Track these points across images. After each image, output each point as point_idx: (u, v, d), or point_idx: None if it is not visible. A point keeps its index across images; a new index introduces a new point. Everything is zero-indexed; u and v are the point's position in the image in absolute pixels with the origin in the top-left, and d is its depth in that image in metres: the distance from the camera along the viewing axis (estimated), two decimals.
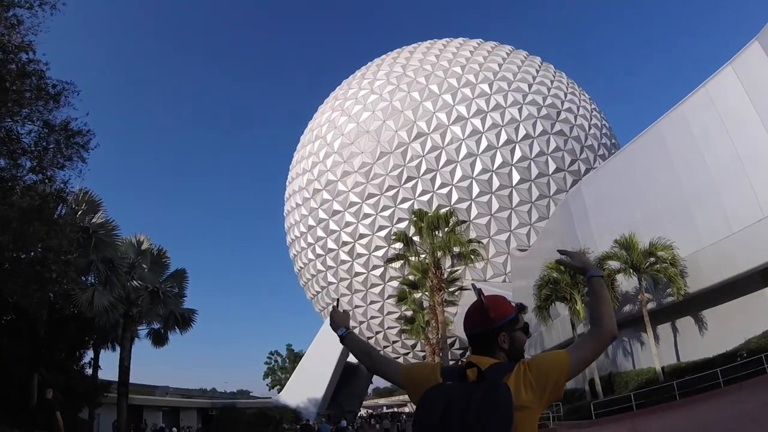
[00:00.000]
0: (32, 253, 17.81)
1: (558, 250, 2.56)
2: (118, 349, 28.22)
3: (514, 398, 1.89)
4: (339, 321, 2.75)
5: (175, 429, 33.55)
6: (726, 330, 21.87)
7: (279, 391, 69.85)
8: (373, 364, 2.55)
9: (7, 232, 15.31)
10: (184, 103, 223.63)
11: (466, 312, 2.36)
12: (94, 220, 25.89)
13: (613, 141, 60.34)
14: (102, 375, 29.74)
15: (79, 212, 24.34)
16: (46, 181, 17.07)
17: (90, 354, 29.58)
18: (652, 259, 23.74)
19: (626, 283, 25.35)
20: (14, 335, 22.46)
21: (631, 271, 24.28)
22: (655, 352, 23.14)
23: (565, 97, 55.90)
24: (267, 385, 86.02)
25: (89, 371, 29.06)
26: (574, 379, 19.75)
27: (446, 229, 31.46)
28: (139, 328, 29.90)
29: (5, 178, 15.83)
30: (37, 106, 16.28)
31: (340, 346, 57.24)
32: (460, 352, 53.68)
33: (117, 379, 27.68)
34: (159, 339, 31.21)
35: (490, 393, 1.89)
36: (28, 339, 22.36)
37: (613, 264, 25.30)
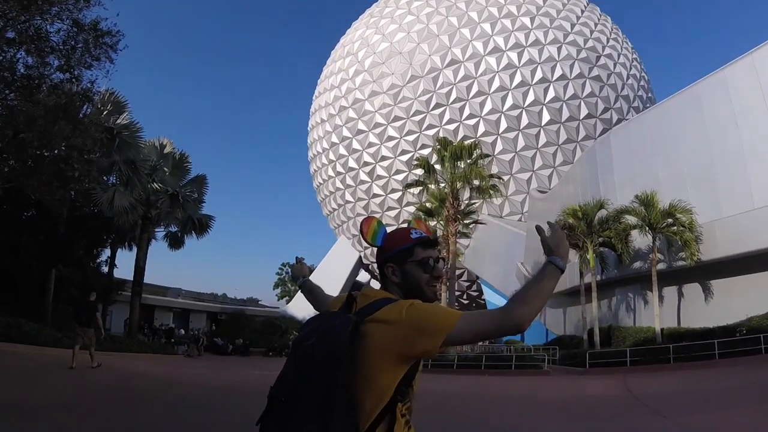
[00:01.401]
0: (56, 151, 18.07)
1: (548, 222, 2.15)
2: (134, 249, 29.07)
3: (369, 335, 1.74)
4: (298, 273, 2.99)
5: (182, 330, 35.00)
6: (730, 304, 21.94)
7: (287, 302, 71.63)
8: (315, 302, 2.67)
9: (33, 129, 15.50)
10: (216, 11, 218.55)
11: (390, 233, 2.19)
12: (118, 121, 26.10)
13: (650, 95, 58.49)
14: (117, 274, 30.83)
15: (104, 112, 24.48)
16: (73, 80, 17.12)
17: (107, 252, 30.53)
18: (670, 220, 23.57)
19: (640, 239, 25.28)
20: (34, 231, 23.12)
21: (647, 228, 24.14)
22: (657, 313, 23.33)
23: (607, 42, 53.87)
24: (276, 295, 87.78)
25: (105, 269, 30.04)
26: (573, 326, 20.04)
27: (469, 161, 31.34)
28: (156, 230, 30.66)
29: (32, 76, 15.88)
30: (67, 5, 16.12)
31: (352, 263, 59.39)
32: (467, 284, 54.54)
33: (132, 279, 28.63)
34: (176, 242, 32.02)
35: (332, 323, 1.76)
36: (47, 235, 23.02)
37: (631, 219, 25.20)
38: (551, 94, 48.64)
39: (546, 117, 48.56)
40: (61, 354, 16.86)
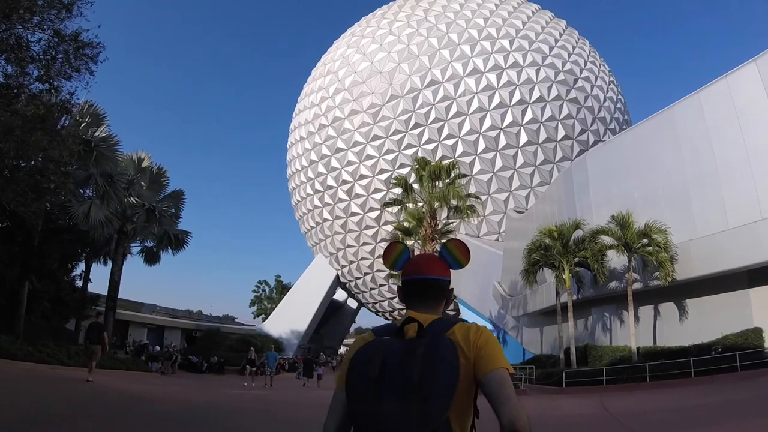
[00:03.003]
0: (32, 162, 17.87)
1: None
2: (109, 263, 28.63)
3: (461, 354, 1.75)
4: None
5: (158, 347, 34.44)
6: (705, 322, 22.22)
7: (264, 320, 71.01)
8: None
9: (9, 139, 15.29)
10: (198, 25, 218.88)
11: (412, 258, 2.13)
12: (96, 134, 25.81)
13: (626, 117, 59.64)
14: (91, 288, 30.40)
15: (83, 125, 24.26)
16: (52, 90, 17.00)
17: (81, 266, 30.09)
18: (645, 240, 23.85)
19: (616, 259, 25.55)
20: (8, 242, 22.72)
21: (623, 248, 24.41)
22: (633, 332, 23.53)
23: (585, 65, 54.96)
24: (252, 313, 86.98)
25: (79, 283, 29.55)
26: (550, 345, 20.13)
27: (447, 181, 31.43)
28: (132, 244, 30.24)
29: (11, 85, 15.73)
30: (49, 15, 16.06)
31: (329, 281, 59.10)
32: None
33: (106, 294, 28.18)
34: (152, 257, 31.61)
35: (434, 346, 1.72)
36: (21, 246, 22.64)
37: (607, 239, 25.47)
38: (529, 115, 49.29)
39: (524, 138, 49.14)
40: (33, 368, 16.52)
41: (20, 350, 18.16)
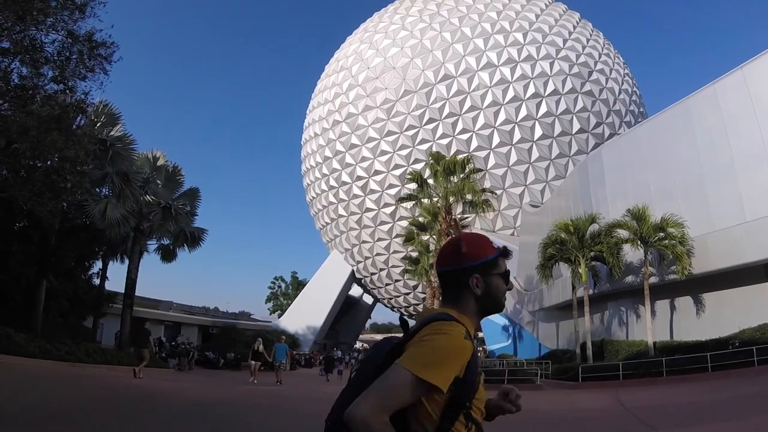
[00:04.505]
0: (48, 162, 18.08)
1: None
2: (126, 261, 28.88)
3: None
4: None
5: (174, 342, 34.72)
6: (722, 316, 22.01)
7: (280, 316, 71.36)
8: None
9: (25, 140, 15.49)
10: (210, 22, 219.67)
11: (440, 249, 2.06)
12: (112, 133, 26.03)
13: (641, 110, 59.02)
14: (108, 286, 30.70)
15: (98, 124, 24.44)
16: (67, 91, 17.18)
17: (98, 265, 30.40)
18: (662, 234, 23.64)
19: (632, 253, 25.34)
20: (25, 241, 23.00)
21: (639, 242, 24.22)
22: (649, 326, 23.35)
23: (599, 57, 54.42)
24: (268, 309, 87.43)
25: (96, 281, 29.87)
26: (566, 339, 20.09)
27: (461, 176, 31.40)
28: (148, 242, 30.50)
29: (26, 87, 15.91)
30: (62, 16, 16.22)
31: (344, 277, 59.30)
32: None
33: (123, 291, 28.45)
34: (168, 255, 31.86)
35: (375, 351, 1.73)
36: (38, 246, 22.91)
37: (622, 233, 25.29)
38: (543, 109, 48.97)
39: (538, 132, 48.84)
40: (51, 366, 16.75)
41: (38, 348, 18.41)
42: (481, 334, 48.19)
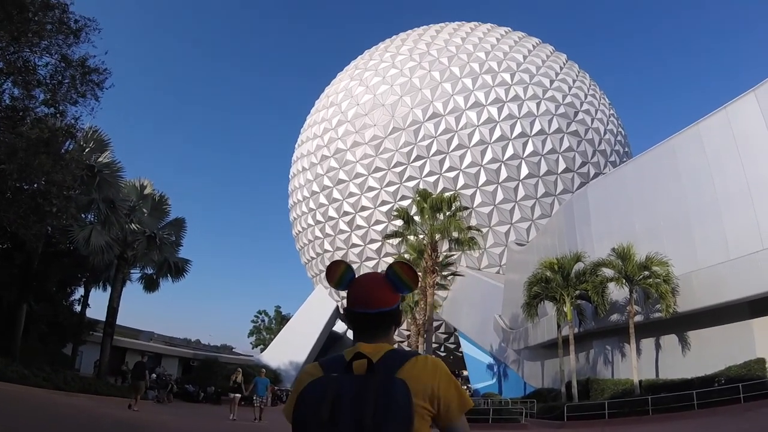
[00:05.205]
0: (35, 185, 17.96)
1: None
2: (108, 289, 28.53)
3: (413, 396, 1.69)
4: None
5: (154, 375, 33.92)
6: (708, 354, 22.02)
7: (262, 350, 70.44)
8: None
9: (13, 161, 15.41)
10: (202, 53, 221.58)
11: (357, 282, 2.04)
12: (100, 159, 26.00)
13: (627, 150, 59.98)
14: (90, 313, 30.23)
15: (87, 150, 24.43)
16: (57, 115, 17.21)
17: (80, 291, 29.99)
18: (647, 272, 23.77)
19: (617, 292, 25.44)
20: (7, 263, 22.69)
21: (624, 281, 24.36)
22: (635, 365, 23.31)
23: (585, 98, 55.51)
24: (251, 343, 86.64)
25: (78, 308, 29.43)
26: (551, 378, 19.97)
27: (448, 213, 31.51)
28: (132, 271, 30.17)
29: (17, 108, 15.90)
30: (57, 40, 16.33)
31: (328, 313, 58.73)
32: (445, 336, 54.10)
33: (104, 319, 28.01)
34: (151, 284, 31.50)
35: (387, 388, 1.67)
36: (20, 268, 22.61)
37: (607, 272, 25.41)
38: (530, 148, 49.57)
39: (525, 171, 49.33)
40: (27, 391, 16.31)
41: (15, 373, 17.98)
42: (465, 373, 47.81)
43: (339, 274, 2.08)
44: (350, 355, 1.84)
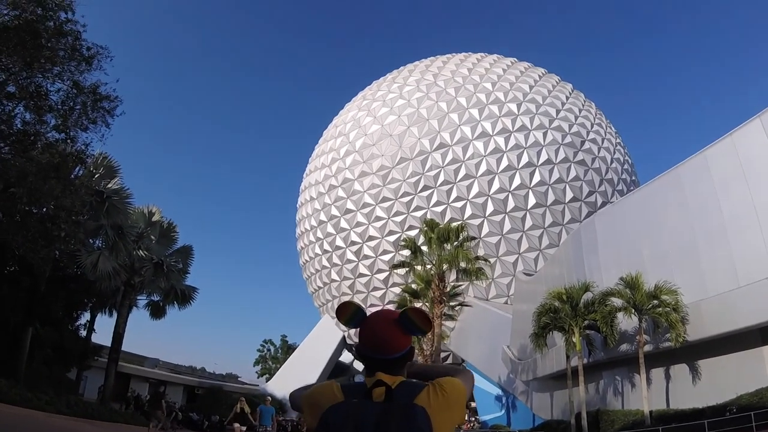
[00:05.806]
0: (44, 210, 18.09)
1: None
2: (114, 315, 28.48)
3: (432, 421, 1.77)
4: None
5: (164, 401, 33.68)
6: (719, 383, 21.66)
7: (267, 380, 69.89)
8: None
9: (23, 185, 15.56)
10: (209, 80, 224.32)
11: (370, 325, 2.06)
12: (109, 185, 26.19)
13: (633, 178, 60.07)
14: (95, 339, 30.18)
15: (96, 175, 24.64)
16: (68, 140, 17.39)
17: (86, 316, 29.99)
18: (656, 301, 23.54)
19: (626, 322, 25.14)
20: (14, 286, 22.75)
21: (633, 310, 24.11)
22: (645, 395, 22.94)
23: (591, 127, 55.78)
24: (256, 372, 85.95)
25: (83, 333, 29.38)
26: (561, 410, 19.57)
27: (455, 243, 31.48)
28: (138, 297, 30.14)
29: (29, 132, 16.10)
30: (69, 66, 16.58)
31: (335, 343, 58.33)
32: None
33: (109, 345, 27.92)
34: (157, 311, 31.43)
35: (407, 417, 1.74)
36: (27, 291, 22.65)
37: (616, 301, 25.16)
38: (537, 178, 49.67)
39: (532, 200, 49.36)
40: (30, 414, 16.18)
41: (19, 395, 17.90)
42: (474, 404, 47.19)
43: (349, 314, 2.12)
44: (371, 383, 1.92)
